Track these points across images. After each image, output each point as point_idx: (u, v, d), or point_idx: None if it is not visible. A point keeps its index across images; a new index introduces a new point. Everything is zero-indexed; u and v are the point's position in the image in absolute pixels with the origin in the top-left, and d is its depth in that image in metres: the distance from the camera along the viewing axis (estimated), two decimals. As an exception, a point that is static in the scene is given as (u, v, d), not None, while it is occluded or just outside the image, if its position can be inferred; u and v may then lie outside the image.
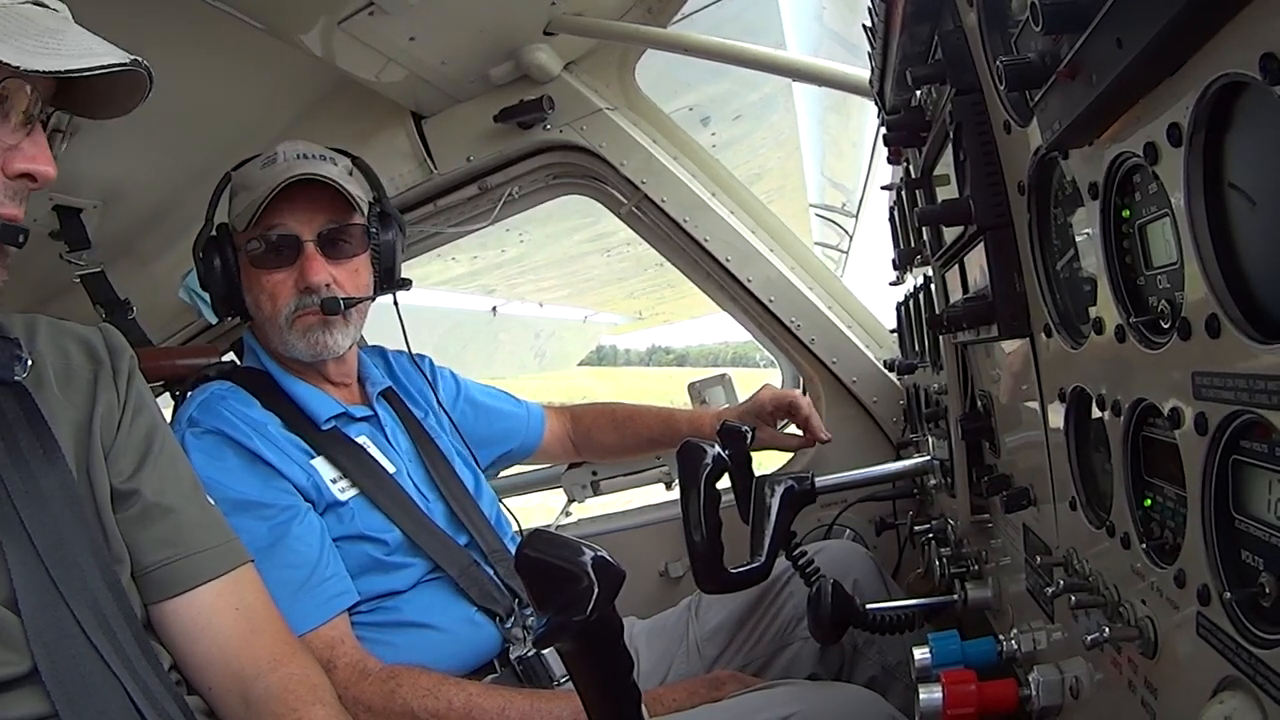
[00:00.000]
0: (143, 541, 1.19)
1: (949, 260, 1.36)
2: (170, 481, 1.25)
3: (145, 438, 1.24)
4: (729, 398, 2.76)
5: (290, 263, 1.77)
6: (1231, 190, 0.63)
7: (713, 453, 1.47)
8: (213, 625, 1.21)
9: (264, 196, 1.71)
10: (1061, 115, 0.76)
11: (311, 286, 1.76)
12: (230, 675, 1.20)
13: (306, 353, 1.79)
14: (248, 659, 1.21)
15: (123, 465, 1.20)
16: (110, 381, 1.23)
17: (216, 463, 1.62)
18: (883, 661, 1.85)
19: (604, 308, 12.12)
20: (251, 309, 1.84)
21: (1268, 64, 0.52)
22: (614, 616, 0.80)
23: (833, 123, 5.11)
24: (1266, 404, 0.58)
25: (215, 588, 1.23)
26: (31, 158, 1.03)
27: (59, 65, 0.96)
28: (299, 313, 1.77)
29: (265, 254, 1.77)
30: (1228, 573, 0.67)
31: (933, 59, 1.30)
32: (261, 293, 1.79)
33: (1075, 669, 1.02)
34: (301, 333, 1.78)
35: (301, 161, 1.78)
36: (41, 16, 1.01)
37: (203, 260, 1.81)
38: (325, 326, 1.78)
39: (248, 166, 1.85)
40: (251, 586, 1.29)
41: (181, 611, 1.20)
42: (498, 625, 1.76)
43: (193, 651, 1.20)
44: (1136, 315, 0.77)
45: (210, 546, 1.25)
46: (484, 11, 2.17)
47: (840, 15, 3.38)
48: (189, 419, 1.69)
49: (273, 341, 1.82)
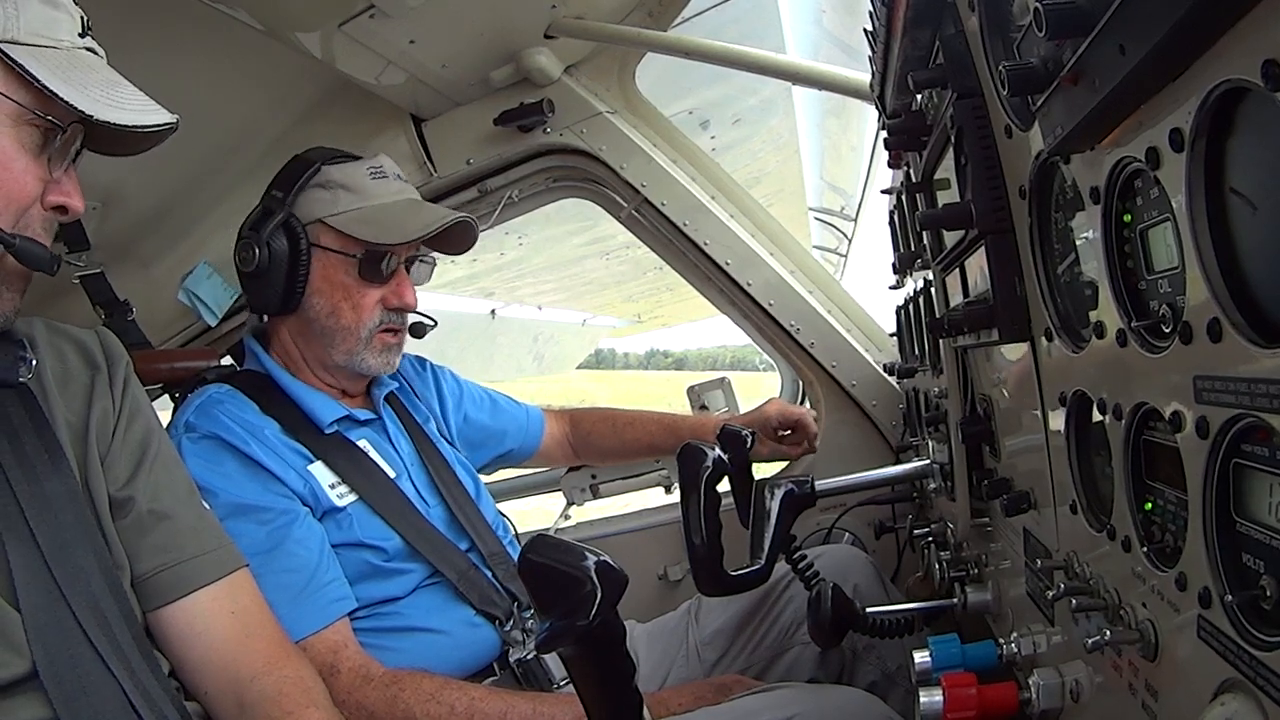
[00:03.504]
0: (139, 548, 1.18)
1: (949, 264, 1.36)
2: (165, 487, 1.24)
3: (140, 444, 1.24)
4: (728, 401, 2.76)
5: (383, 280, 1.80)
6: (1233, 195, 0.63)
7: (713, 455, 1.47)
8: (209, 630, 1.21)
9: (416, 231, 1.77)
10: (1064, 120, 0.76)
11: (407, 308, 1.84)
12: (226, 679, 1.20)
13: (377, 368, 1.83)
14: (243, 662, 1.21)
15: (118, 472, 1.20)
16: (106, 388, 1.23)
17: (214, 467, 1.61)
18: (883, 666, 1.85)
19: (603, 311, 12.13)
20: (321, 313, 1.80)
21: (1269, 70, 0.52)
22: (616, 621, 0.80)
23: (832, 127, 5.12)
24: (1268, 408, 0.58)
25: (211, 592, 1.22)
26: (67, 193, 1.11)
27: (125, 120, 1.06)
28: (382, 328, 1.81)
29: (368, 266, 1.78)
30: (1229, 576, 0.67)
31: (934, 63, 1.30)
32: (345, 301, 1.78)
33: (1075, 672, 1.02)
34: (379, 350, 1.82)
35: (409, 187, 1.88)
36: (99, 65, 1.10)
37: (266, 246, 1.76)
38: (397, 349, 1.86)
39: (349, 166, 1.83)
40: (246, 590, 1.28)
41: (178, 616, 1.20)
42: (496, 628, 1.75)
43: (189, 656, 1.20)
44: (1138, 319, 0.78)
45: (205, 551, 1.24)
46: (484, 15, 2.17)
47: (840, 19, 3.39)
48: (185, 424, 1.68)
49: (334, 350, 1.80)
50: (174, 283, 2.47)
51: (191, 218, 2.54)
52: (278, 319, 1.87)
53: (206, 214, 2.53)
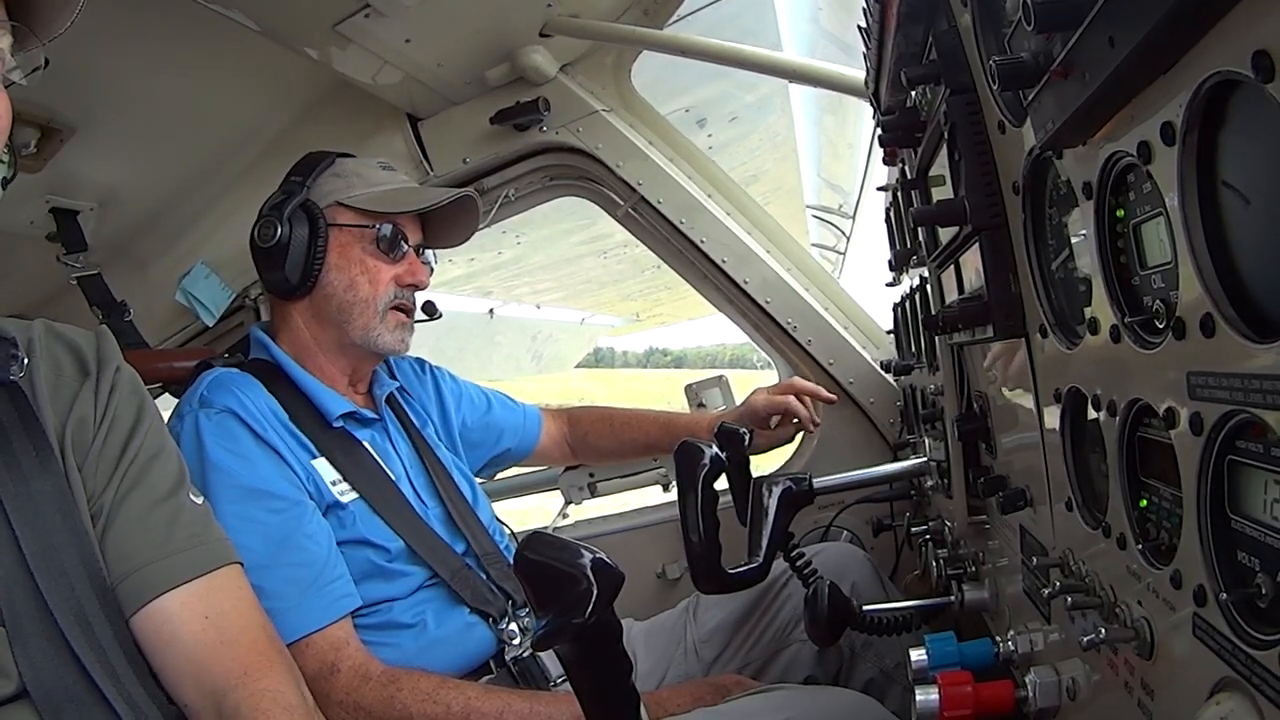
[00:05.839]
0: (108, 557, 1.12)
1: (944, 261, 1.36)
2: (138, 490, 1.17)
3: (118, 452, 1.18)
4: (726, 399, 2.75)
5: (397, 260, 1.88)
6: (1225, 189, 0.63)
7: (710, 453, 1.47)
8: (178, 637, 1.13)
9: (425, 202, 1.89)
10: (1055, 115, 0.76)
11: (421, 285, 1.92)
12: (200, 689, 1.12)
13: (391, 345, 1.88)
14: (219, 672, 1.13)
15: (94, 482, 1.15)
16: (91, 395, 1.18)
17: (229, 444, 1.61)
18: (881, 664, 1.85)
19: (601, 310, 12.12)
20: (339, 287, 1.85)
21: (1260, 61, 0.52)
22: (613, 619, 0.80)
23: (829, 124, 5.12)
24: (1262, 403, 0.58)
25: (180, 596, 1.14)
26: None
27: None
28: (395, 303, 1.87)
29: (386, 242, 1.86)
30: (1224, 573, 0.67)
31: (927, 59, 1.30)
32: (362, 275, 1.85)
33: (1072, 670, 1.02)
34: (394, 326, 1.88)
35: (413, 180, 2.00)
36: None
37: (287, 224, 1.83)
38: (410, 328, 1.93)
39: (360, 160, 1.96)
40: (227, 592, 1.19)
41: (147, 623, 1.12)
42: (491, 627, 1.75)
43: (163, 665, 1.13)
44: (1131, 315, 0.77)
45: (173, 553, 1.15)
46: (480, 14, 2.17)
47: (836, 16, 3.39)
48: (200, 398, 1.68)
49: (351, 326, 1.85)
50: (172, 283, 2.47)
51: (189, 218, 2.54)
52: (290, 304, 1.89)
53: (204, 214, 2.53)
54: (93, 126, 2.01)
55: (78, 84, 1.80)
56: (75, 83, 1.76)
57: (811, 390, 2.29)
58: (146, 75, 1.97)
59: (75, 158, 2.06)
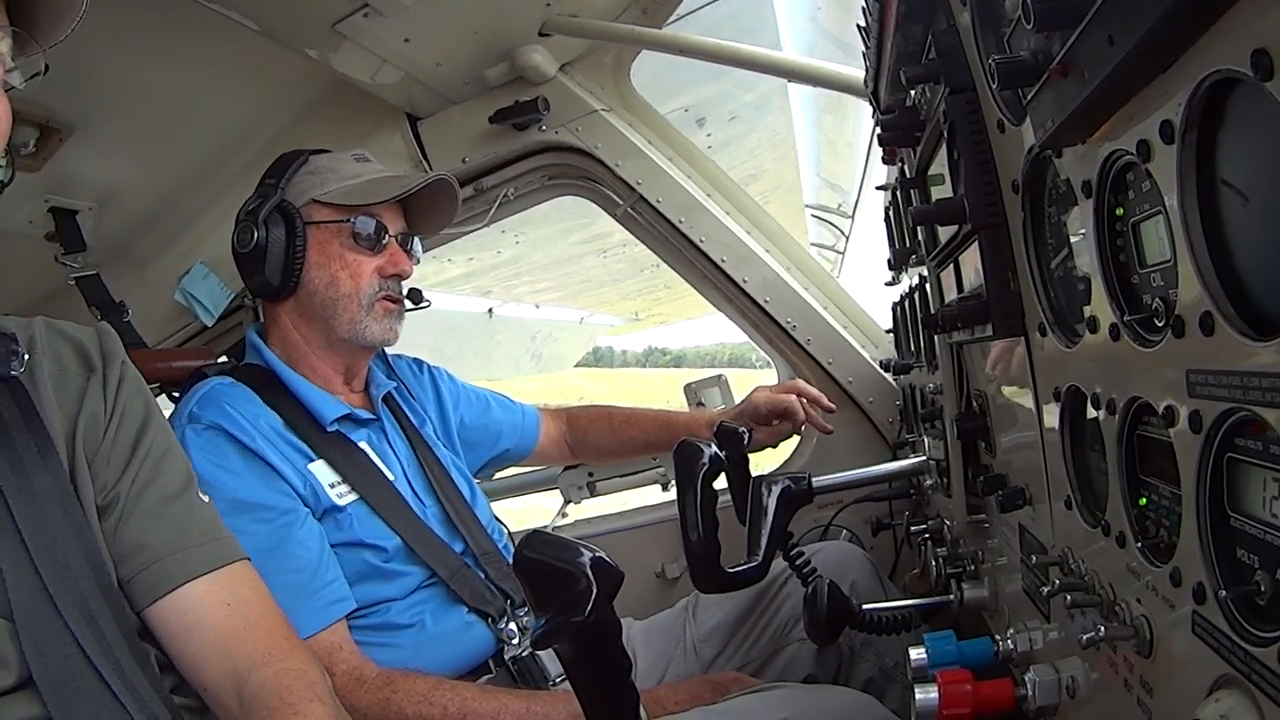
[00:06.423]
0: (123, 548, 1.16)
1: (944, 260, 1.36)
2: (152, 485, 1.21)
3: (130, 444, 1.21)
4: (725, 399, 2.75)
5: (378, 251, 1.87)
6: (1224, 187, 0.63)
7: (710, 452, 1.47)
8: (203, 623, 1.17)
9: (398, 189, 1.86)
10: (1054, 113, 0.76)
11: (403, 275, 1.90)
12: (223, 672, 1.17)
13: (379, 336, 1.87)
14: (241, 655, 1.17)
15: (106, 475, 1.17)
16: (99, 390, 1.21)
17: (217, 459, 1.61)
18: (880, 662, 1.85)
19: (600, 309, 12.11)
20: (320, 285, 1.84)
21: (1259, 60, 0.52)
22: (612, 618, 0.80)
23: (828, 124, 5.11)
24: (1261, 401, 0.58)
25: (202, 585, 1.19)
26: None
27: None
28: (381, 295, 1.86)
29: (363, 236, 1.85)
30: (1223, 571, 0.67)
31: (926, 58, 1.30)
32: (343, 270, 1.84)
33: (1071, 668, 1.02)
34: (381, 316, 1.87)
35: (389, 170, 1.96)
36: None
37: (263, 227, 1.82)
38: (398, 316, 1.91)
39: (334, 155, 1.95)
40: (246, 583, 1.24)
41: (169, 612, 1.17)
42: (490, 626, 1.76)
43: (185, 651, 1.17)
44: (1131, 313, 0.77)
45: (191, 546, 1.21)
46: (479, 13, 2.17)
47: (835, 16, 3.39)
48: (190, 414, 1.68)
49: (337, 322, 1.84)
50: (170, 283, 2.46)
51: (187, 218, 2.53)
52: (277, 306, 1.89)
53: (202, 214, 2.52)
54: (92, 126, 2.00)
55: (77, 83, 1.80)
56: (74, 82, 1.76)
57: (813, 395, 2.28)
58: (146, 75, 1.96)
59: (74, 157, 2.05)
